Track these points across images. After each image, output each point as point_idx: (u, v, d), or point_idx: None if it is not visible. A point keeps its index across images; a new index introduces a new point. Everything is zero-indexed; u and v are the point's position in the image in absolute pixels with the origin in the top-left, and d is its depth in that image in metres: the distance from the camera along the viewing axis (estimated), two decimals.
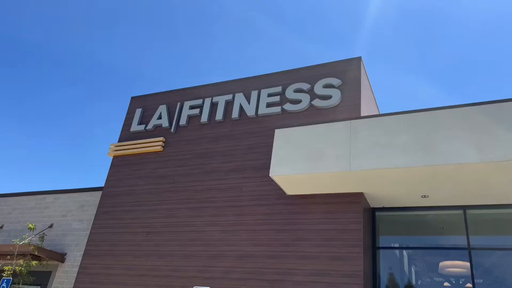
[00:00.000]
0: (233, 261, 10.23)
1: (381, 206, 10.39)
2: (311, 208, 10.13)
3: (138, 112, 14.36)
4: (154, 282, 10.87)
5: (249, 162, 11.50)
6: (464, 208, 9.68)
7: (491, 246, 9.92)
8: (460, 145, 8.15)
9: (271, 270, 9.76)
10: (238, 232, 10.60)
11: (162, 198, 12.22)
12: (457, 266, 10.03)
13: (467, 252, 9.44)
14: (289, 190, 10.33)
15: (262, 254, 10.03)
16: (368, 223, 10.03)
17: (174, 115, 13.62)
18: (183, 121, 13.31)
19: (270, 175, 9.73)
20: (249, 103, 12.46)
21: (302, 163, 9.45)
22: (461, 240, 9.64)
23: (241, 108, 12.56)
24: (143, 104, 14.57)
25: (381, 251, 10.52)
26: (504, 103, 8.27)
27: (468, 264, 9.40)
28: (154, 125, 13.75)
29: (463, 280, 9.70)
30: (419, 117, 8.89)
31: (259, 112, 12.17)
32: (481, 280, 10.70)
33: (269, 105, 12.19)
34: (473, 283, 9.16)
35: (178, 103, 13.75)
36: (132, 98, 15.15)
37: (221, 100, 12.98)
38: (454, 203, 9.64)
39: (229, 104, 12.89)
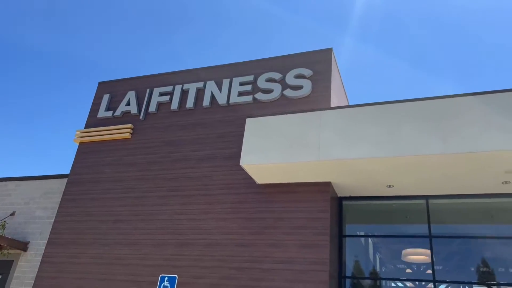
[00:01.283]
0: (201, 249, 10.23)
1: (348, 195, 10.63)
2: (280, 197, 10.24)
3: (106, 98, 13.97)
4: (121, 271, 10.72)
5: (219, 151, 11.45)
6: (427, 197, 10.04)
7: (451, 234, 10.35)
8: (425, 137, 8.42)
9: (240, 258, 9.82)
10: (207, 220, 10.59)
11: (130, 186, 12.00)
12: (419, 253, 10.42)
13: (428, 240, 9.82)
14: (259, 179, 10.38)
15: (231, 242, 10.08)
16: (335, 211, 10.25)
17: (143, 101, 13.34)
18: (152, 108, 13.06)
19: (240, 164, 9.75)
20: (220, 91, 12.37)
21: (273, 153, 9.51)
22: (423, 229, 10.02)
23: (212, 96, 12.45)
24: (111, 90, 14.19)
25: (347, 239, 10.79)
26: (467, 97, 8.59)
27: (429, 251, 9.77)
28: (122, 111, 13.43)
29: (424, 267, 10.08)
30: (386, 109, 9.11)
31: (231, 100, 12.11)
32: (441, 267, 11.20)
33: (240, 93, 12.14)
34: (433, 270, 9.55)
35: (148, 90, 13.47)
36: (100, 83, 14.71)
37: (192, 88, 12.82)
38: (417, 193, 9.98)
39: (200, 92, 12.75)
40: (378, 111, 9.16)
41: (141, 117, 13.07)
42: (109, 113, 13.58)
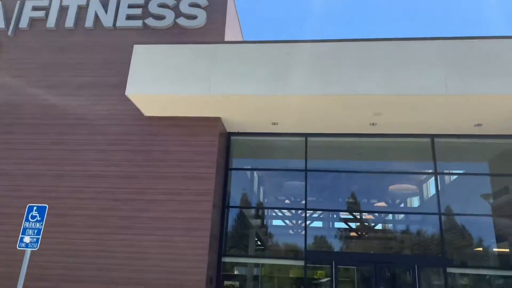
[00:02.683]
0: (82, 181, 9.75)
1: (236, 131, 10.91)
2: (168, 130, 10.07)
3: None
4: None
5: (103, 78, 10.62)
6: (306, 135, 10.83)
7: (325, 169, 11.45)
8: (308, 78, 8.87)
9: (124, 190, 9.64)
10: (89, 152, 10.02)
11: None
12: (296, 186, 11.39)
13: (303, 173, 10.73)
14: (147, 111, 10.01)
15: (115, 175, 9.77)
16: (223, 146, 10.50)
17: (12, 15, 11.50)
18: (23, 24, 11.37)
19: (126, 93, 9.22)
20: (106, 12, 11.22)
21: (162, 84, 9.16)
22: (301, 164, 10.88)
23: (96, 16, 11.24)
24: None
25: (234, 172, 11.26)
26: (350, 43, 9.15)
27: (303, 183, 10.71)
28: None
29: (300, 197, 11.07)
30: (276, 49, 9.29)
31: (118, 24, 11.10)
32: (315, 198, 12.45)
33: (129, 17, 11.18)
34: (306, 200, 10.58)
35: (18, 1, 11.60)
36: None
37: (73, 4, 11.38)
38: (298, 131, 10.68)
39: (82, 11, 11.40)
40: (269, 50, 9.30)
41: (9, 33, 11.33)
42: None
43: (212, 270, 9.47)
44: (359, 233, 12.01)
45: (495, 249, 10.75)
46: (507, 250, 10.63)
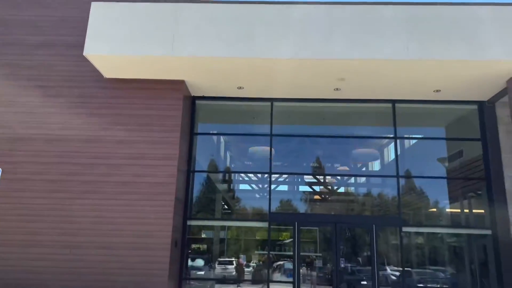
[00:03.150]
0: (41, 145, 9.44)
1: (201, 95, 10.76)
2: (131, 93, 9.81)
3: None
4: None
5: (61, 37, 10.11)
6: (272, 100, 10.84)
7: (290, 134, 11.58)
8: (277, 42, 8.77)
9: (85, 154, 9.43)
10: (47, 114, 9.65)
11: None
12: (262, 151, 11.49)
13: (269, 138, 10.82)
14: (107, 73, 9.66)
15: (76, 138, 9.51)
16: (187, 110, 10.36)
17: None
18: None
19: (84, 53, 8.83)
20: None
21: (122, 43, 8.82)
22: (266, 129, 10.94)
23: None
24: None
25: (199, 137, 11.19)
26: (316, 6, 9.06)
27: (270, 148, 10.82)
28: None
29: (266, 162, 11.14)
30: (243, 9, 9.08)
31: None
32: (280, 163, 12.64)
33: None
34: (270, 164, 10.72)
35: None
36: None
37: None
38: (264, 96, 10.66)
39: None
40: (235, 10, 9.07)
41: None
42: None
43: (177, 233, 9.56)
44: (322, 196, 12.39)
45: (448, 210, 11.41)
46: (459, 210, 11.32)
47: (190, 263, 10.74)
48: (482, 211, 10.41)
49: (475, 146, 10.52)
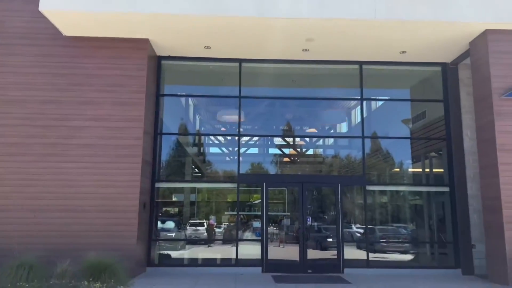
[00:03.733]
0: None
1: (167, 54, 10.46)
2: (92, 52, 9.42)
3: None
4: None
5: None
6: (240, 61, 10.67)
7: (259, 95, 11.52)
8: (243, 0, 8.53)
9: (47, 116, 9.11)
10: (4, 74, 9.18)
11: None
12: (231, 113, 11.40)
13: (237, 100, 10.73)
14: (66, 30, 9.20)
15: (35, 100, 9.14)
16: (153, 70, 10.08)
17: None
18: None
19: (40, 9, 8.32)
20: None
21: None
22: (235, 91, 10.81)
23: None
24: None
25: (167, 99, 10.98)
26: None
27: (236, 111, 10.75)
28: None
29: (235, 126, 11.09)
30: None
31: None
32: (250, 126, 12.63)
33: None
34: (239, 126, 10.70)
35: None
36: None
37: None
38: (232, 56, 10.46)
39: None
40: None
41: None
42: None
43: (145, 196, 9.54)
44: (291, 158, 12.58)
45: (410, 169, 11.85)
46: (420, 170, 11.77)
47: (161, 225, 10.81)
48: (442, 170, 10.87)
49: (438, 107, 10.83)
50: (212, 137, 12.67)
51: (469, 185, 10.04)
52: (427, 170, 11.54)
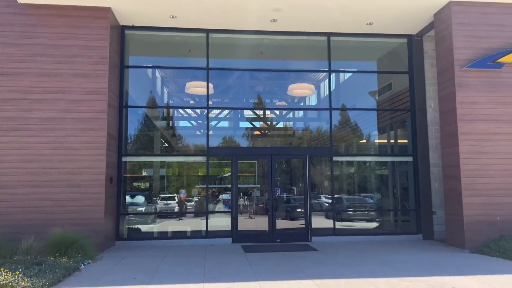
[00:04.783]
0: None
1: (130, 24, 10.08)
2: (50, 21, 8.98)
3: None
4: None
5: None
6: (208, 31, 10.42)
7: (227, 67, 11.37)
8: None
9: (4, 88, 8.70)
10: None
11: None
12: (200, 86, 11.21)
13: (205, 72, 10.55)
14: None
15: None
16: (116, 41, 9.72)
17: None
18: None
19: None
20: None
21: None
22: (203, 62, 10.60)
23: None
24: None
25: (131, 71, 10.67)
26: None
27: (205, 83, 10.58)
28: None
29: (204, 99, 10.93)
30: None
31: None
32: (219, 99, 12.52)
33: None
34: (207, 98, 10.56)
35: None
36: None
37: None
38: (199, 26, 10.21)
39: None
40: None
41: None
42: None
43: (112, 170, 9.38)
44: (262, 131, 12.62)
45: (376, 140, 12.14)
46: (385, 141, 12.08)
47: (130, 200, 10.72)
48: (406, 141, 11.19)
49: (403, 79, 11.03)
50: (181, 110, 12.50)
51: (431, 154, 10.41)
52: (392, 140, 11.86)
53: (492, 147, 8.84)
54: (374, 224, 11.28)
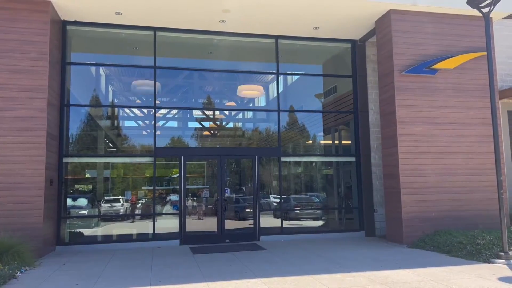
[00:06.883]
0: None
1: (73, 19, 9.65)
2: None
3: None
4: None
5: None
6: (155, 29, 10.22)
7: (175, 66, 11.22)
8: None
9: None
10: None
11: None
12: (146, 84, 10.96)
13: (152, 70, 10.34)
14: None
15: None
16: (56, 36, 9.26)
17: None
18: None
19: None
20: None
21: None
22: (150, 61, 10.38)
23: None
24: None
25: (74, 68, 10.21)
26: None
27: (156, 83, 10.36)
28: None
29: (151, 98, 10.69)
30: None
31: None
32: (167, 99, 12.29)
33: None
34: (154, 98, 10.35)
35: None
36: None
37: None
38: (146, 24, 9.97)
39: None
40: None
41: None
42: None
43: (52, 171, 8.92)
44: (211, 131, 12.56)
45: (322, 141, 12.54)
46: (330, 142, 12.52)
47: (72, 202, 10.23)
48: (350, 142, 11.67)
49: (347, 83, 11.49)
50: (127, 110, 12.13)
51: (373, 154, 10.93)
52: (337, 141, 12.31)
53: (427, 148, 9.44)
54: (320, 223, 11.64)
